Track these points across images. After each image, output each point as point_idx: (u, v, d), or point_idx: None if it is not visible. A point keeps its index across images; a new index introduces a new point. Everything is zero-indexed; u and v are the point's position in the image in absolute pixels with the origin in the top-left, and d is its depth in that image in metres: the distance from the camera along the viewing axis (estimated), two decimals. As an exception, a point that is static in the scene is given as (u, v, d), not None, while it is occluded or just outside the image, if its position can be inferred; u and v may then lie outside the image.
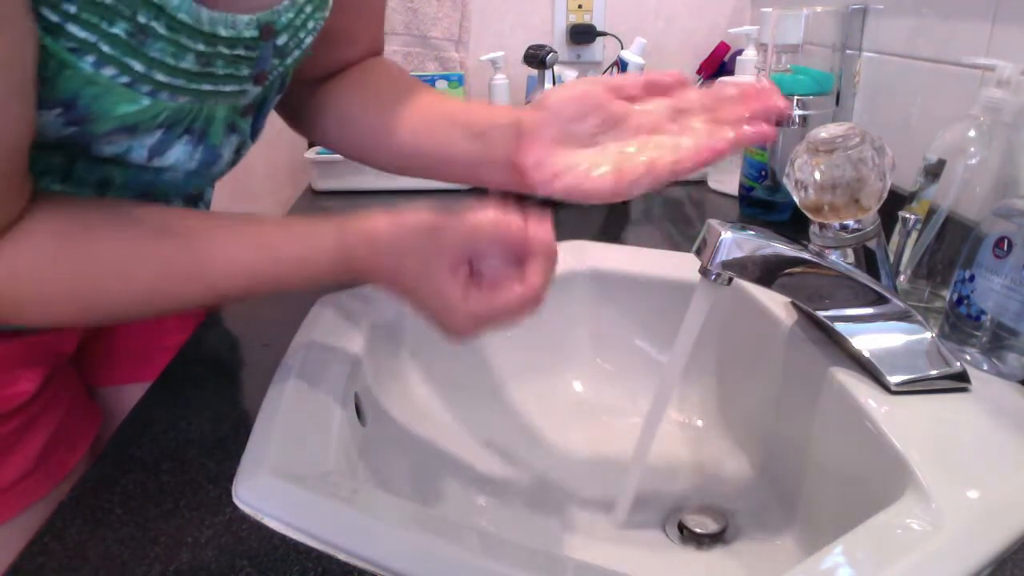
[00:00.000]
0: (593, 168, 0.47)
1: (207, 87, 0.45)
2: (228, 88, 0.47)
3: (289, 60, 0.51)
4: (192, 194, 0.62)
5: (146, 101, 0.42)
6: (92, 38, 0.38)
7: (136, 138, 0.45)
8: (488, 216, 0.43)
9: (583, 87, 0.49)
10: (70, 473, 0.60)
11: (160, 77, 0.42)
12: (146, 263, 0.43)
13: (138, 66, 0.40)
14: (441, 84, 1.12)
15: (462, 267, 0.44)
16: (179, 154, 0.48)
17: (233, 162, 0.55)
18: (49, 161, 0.44)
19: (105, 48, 0.39)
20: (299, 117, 0.63)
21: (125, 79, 0.40)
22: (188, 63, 0.43)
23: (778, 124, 0.47)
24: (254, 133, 0.55)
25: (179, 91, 0.44)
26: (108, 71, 0.40)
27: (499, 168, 0.51)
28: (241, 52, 0.46)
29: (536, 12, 1.21)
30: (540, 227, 0.44)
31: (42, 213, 0.42)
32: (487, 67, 1.11)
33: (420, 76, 1.12)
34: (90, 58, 0.39)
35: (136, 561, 0.39)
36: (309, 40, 0.52)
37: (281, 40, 0.49)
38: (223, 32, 0.43)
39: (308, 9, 0.50)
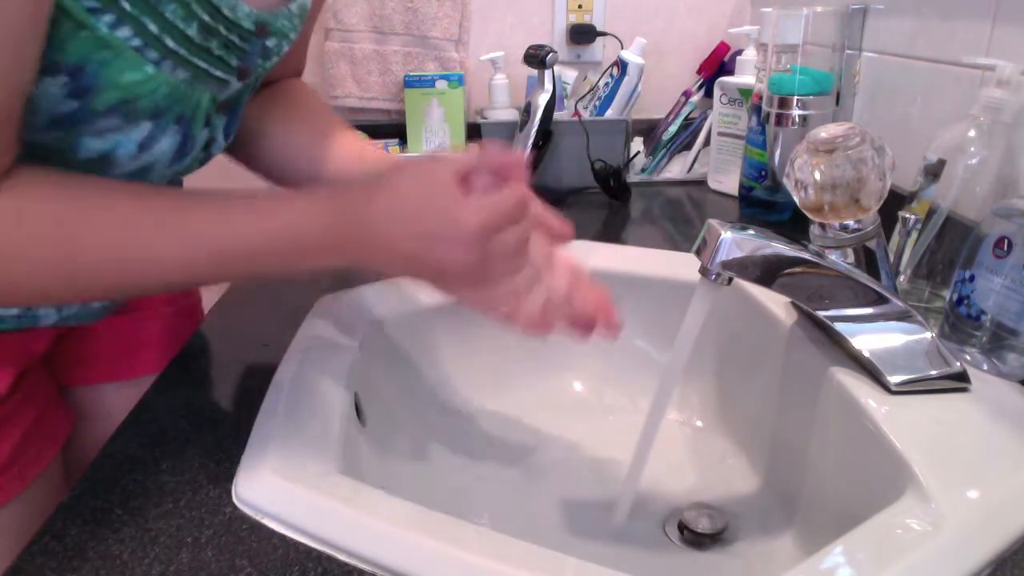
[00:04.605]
0: None
1: (202, 64, 0.47)
2: (218, 73, 0.49)
3: (268, 64, 0.54)
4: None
5: (150, 69, 0.43)
6: None
7: (125, 130, 0.45)
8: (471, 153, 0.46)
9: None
10: (42, 475, 0.59)
11: (169, 42, 0.43)
12: (132, 230, 0.43)
13: (152, 27, 0.42)
14: (441, 84, 1.12)
15: (458, 181, 0.45)
16: (165, 147, 0.48)
17: (202, 160, 0.55)
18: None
19: (126, 5, 0.40)
20: None
21: (137, 42, 0.42)
22: (193, 31, 0.45)
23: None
24: (227, 134, 0.56)
25: (180, 62, 0.45)
26: (123, 32, 0.41)
27: None
28: (235, 40, 0.48)
29: (536, 12, 1.20)
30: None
31: (29, 173, 0.41)
32: (487, 67, 1.11)
33: (420, 76, 1.12)
34: (108, 17, 0.40)
35: (136, 561, 0.39)
36: (286, 47, 0.55)
37: (270, 42, 0.52)
38: (225, 11, 0.46)
39: (295, 21, 0.53)
